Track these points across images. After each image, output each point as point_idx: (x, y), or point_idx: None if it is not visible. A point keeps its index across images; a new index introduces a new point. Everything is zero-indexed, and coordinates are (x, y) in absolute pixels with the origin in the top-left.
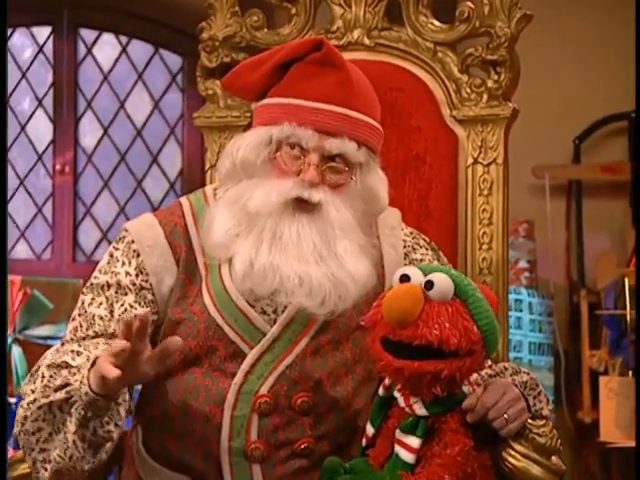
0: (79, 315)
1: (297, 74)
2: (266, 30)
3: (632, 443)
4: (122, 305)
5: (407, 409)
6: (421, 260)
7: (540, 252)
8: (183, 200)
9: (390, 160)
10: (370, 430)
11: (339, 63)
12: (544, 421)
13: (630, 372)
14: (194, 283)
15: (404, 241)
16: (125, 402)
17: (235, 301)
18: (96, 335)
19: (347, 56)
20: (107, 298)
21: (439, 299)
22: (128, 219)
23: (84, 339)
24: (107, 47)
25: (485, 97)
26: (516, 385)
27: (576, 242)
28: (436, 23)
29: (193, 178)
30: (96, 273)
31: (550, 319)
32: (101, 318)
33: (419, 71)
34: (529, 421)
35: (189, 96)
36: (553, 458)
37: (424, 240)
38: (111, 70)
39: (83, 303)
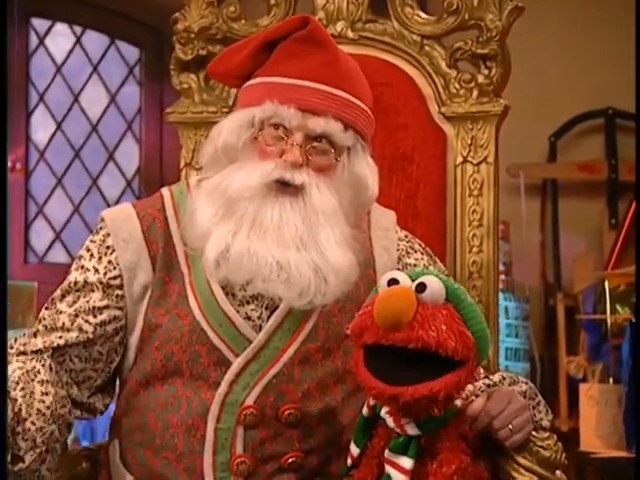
0: (46, 309)
1: (282, 53)
2: (243, 21)
3: (614, 453)
4: (88, 301)
5: (397, 429)
6: (415, 265)
7: (515, 254)
8: (164, 191)
9: (376, 158)
10: (355, 450)
11: (326, 42)
12: (548, 434)
13: (611, 379)
14: (175, 281)
15: (398, 244)
16: (26, 431)
17: (221, 304)
18: (52, 329)
19: None
20: (75, 293)
21: (431, 302)
22: (83, 219)
23: (35, 335)
24: (60, 38)
25: (475, 93)
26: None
27: (552, 243)
28: (423, 15)
29: (151, 175)
30: (72, 268)
31: (526, 323)
32: (61, 313)
33: (406, 65)
34: (533, 433)
35: (147, 90)
36: (557, 472)
37: (419, 245)
38: (65, 62)
39: (53, 299)
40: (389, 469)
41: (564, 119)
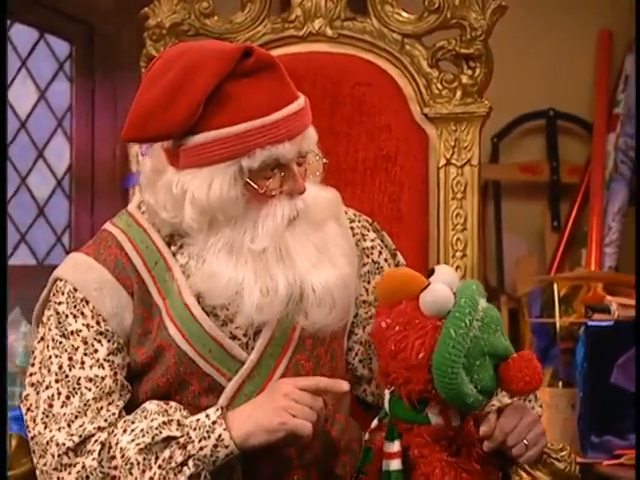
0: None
1: (235, 95)
2: (216, 18)
3: None
4: (98, 359)
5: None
6: (372, 247)
7: None
8: (112, 229)
9: (359, 160)
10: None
11: (271, 60)
12: (562, 445)
13: (560, 383)
14: (153, 317)
15: (352, 227)
16: None
17: (207, 330)
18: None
19: (307, 48)
20: (80, 364)
21: (423, 307)
22: (12, 219)
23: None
24: None
25: (459, 94)
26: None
27: (495, 246)
28: (403, 14)
29: (83, 174)
30: (51, 338)
31: None
32: (90, 380)
33: (386, 65)
34: (547, 445)
35: (78, 86)
36: None
37: (367, 221)
38: None
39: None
40: (384, 463)
41: (507, 120)
